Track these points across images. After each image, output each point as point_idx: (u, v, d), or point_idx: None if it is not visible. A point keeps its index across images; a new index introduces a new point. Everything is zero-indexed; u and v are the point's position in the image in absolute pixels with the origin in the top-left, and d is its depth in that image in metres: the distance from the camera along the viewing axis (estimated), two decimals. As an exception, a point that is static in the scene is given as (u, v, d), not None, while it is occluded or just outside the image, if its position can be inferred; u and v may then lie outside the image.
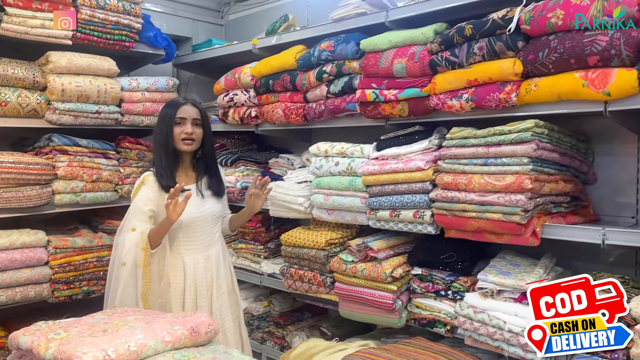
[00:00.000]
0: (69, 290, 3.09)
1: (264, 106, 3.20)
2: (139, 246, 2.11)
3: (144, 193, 2.19)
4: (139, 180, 2.25)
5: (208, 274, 2.29)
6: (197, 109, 2.33)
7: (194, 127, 2.29)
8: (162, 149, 2.26)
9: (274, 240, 3.48)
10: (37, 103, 2.96)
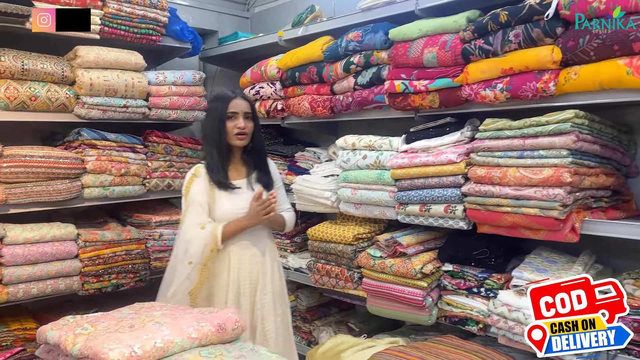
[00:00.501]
0: (99, 283, 3.12)
1: (290, 99, 3.16)
2: (209, 246, 2.07)
3: (197, 186, 2.14)
4: (190, 173, 2.20)
5: (254, 272, 2.21)
6: (247, 102, 2.28)
7: (246, 121, 2.23)
8: (213, 145, 2.20)
9: (301, 235, 3.44)
10: (66, 97, 2.98)
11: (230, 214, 2.16)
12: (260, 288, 2.23)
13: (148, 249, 3.32)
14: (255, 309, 2.22)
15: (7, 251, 2.75)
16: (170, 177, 3.46)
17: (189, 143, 3.58)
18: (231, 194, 2.18)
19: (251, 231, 2.23)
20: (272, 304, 2.28)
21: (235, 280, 2.17)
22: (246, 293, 2.18)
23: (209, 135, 2.23)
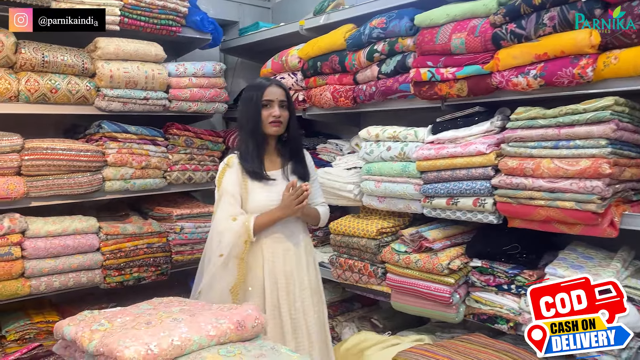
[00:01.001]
0: (120, 276, 3.11)
1: (312, 89, 3.08)
2: (242, 238, 1.99)
3: (230, 176, 2.08)
4: (223, 163, 2.14)
5: (288, 265, 2.12)
6: (283, 89, 2.20)
7: (281, 110, 2.15)
8: (249, 134, 2.12)
9: (323, 229, 3.36)
10: (87, 90, 2.96)
11: (264, 206, 2.09)
12: (298, 283, 2.14)
13: (169, 242, 3.30)
14: (295, 304, 2.12)
15: (29, 244, 2.75)
16: (191, 170, 3.43)
17: (209, 135, 3.54)
18: (265, 184, 2.11)
19: (284, 224, 2.14)
20: (310, 299, 2.19)
21: (270, 273, 2.09)
22: (282, 287, 2.10)
23: (244, 124, 2.15)
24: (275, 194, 2.11)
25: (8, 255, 2.68)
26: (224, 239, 2.00)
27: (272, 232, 2.11)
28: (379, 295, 2.79)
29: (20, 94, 2.74)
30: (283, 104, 2.17)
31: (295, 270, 2.15)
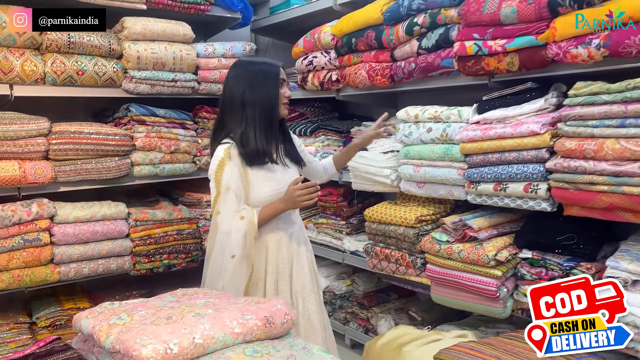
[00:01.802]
0: (150, 263, 3.04)
1: (346, 68, 2.91)
2: (251, 236, 1.87)
3: (231, 170, 1.88)
4: (222, 154, 1.89)
5: (290, 253, 2.03)
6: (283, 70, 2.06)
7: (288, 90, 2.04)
8: (265, 115, 1.90)
9: (357, 215, 3.22)
10: (114, 71, 2.87)
11: (270, 197, 1.94)
12: (297, 269, 2.05)
13: (199, 228, 3.21)
14: (293, 291, 2.03)
15: (57, 230, 2.70)
16: (220, 155, 3.32)
17: (239, 119, 3.41)
18: (267, 173, 1.95)
19: (287, 212, 2.02)
20: (310, 284, 2.09)
21: (273, 266, 2.00)
22: (285, 276, 2.01)
23: (262, 103, 1.90)
24: (277, 183, 1.96)
25: (37, 241, 2.64)
26: (233, 239, 1.87)
27: (275, 222, 1.99)
28: (417, 287, 2.63)
29: (47, 76, 2.67)
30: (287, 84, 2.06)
31: (295, 256, 2.05)
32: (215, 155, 1.92)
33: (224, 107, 1.98)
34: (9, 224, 2.56)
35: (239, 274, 1.90)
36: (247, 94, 1.91)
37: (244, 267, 1.91)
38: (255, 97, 1.90)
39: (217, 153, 1.91)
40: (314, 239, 3.36)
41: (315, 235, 3.36)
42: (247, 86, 1.91)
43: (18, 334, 2.72)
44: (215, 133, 2.00)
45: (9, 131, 2.55)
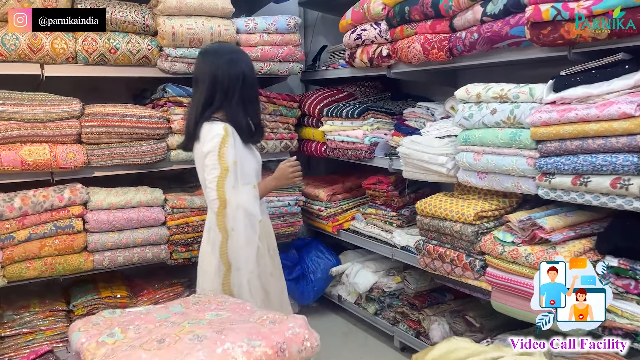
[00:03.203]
0: (188, 252, 2.90)
1: (398, 42, 2.58)
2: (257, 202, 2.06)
3: (233, 146, 2.00)
4: (222, 132, 1.97)
5: (267, 220, 2.26)
6: None
7: None
8: (253, 103, 2.11)
9: (409, 207, 2.91)
10: (148, 49, 2.70)
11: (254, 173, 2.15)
12: (274, 248, 2.26)
13: (239, 217, 3.02)
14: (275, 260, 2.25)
15: (91, 217, 2.59)
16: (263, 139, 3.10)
17: (283, 100, 3.18)
18: (249, 150, 2.13)
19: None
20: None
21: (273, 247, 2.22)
22: (276, 259, 2.24)
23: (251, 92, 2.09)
24: (257, 162, 2.18)
25: (69, 228, 2.54)
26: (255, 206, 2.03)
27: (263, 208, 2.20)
28: (475, 292, 2.30)
29: (78, 55, 2.54)
30: None
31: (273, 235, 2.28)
32: (214, 132, 1.98)
33: (217, 86, 2.05)
34: (41, 210, 2.47)
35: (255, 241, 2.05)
36: (247, 76, 2.07)
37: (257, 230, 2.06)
38: (254, 80, 2.11)
39: (215, 130, 1.98)
40: (361, 230, 3.09)
41: (363, 227, 3.09)
42: (247, 69, 2.08)
43: (55, 322, 2.66)
44: (203, 111, 2.05)
45: (39, 113, 2.44)
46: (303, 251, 3.38)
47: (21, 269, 2.44)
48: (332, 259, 3.33)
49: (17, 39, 2.37)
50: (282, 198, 3.14)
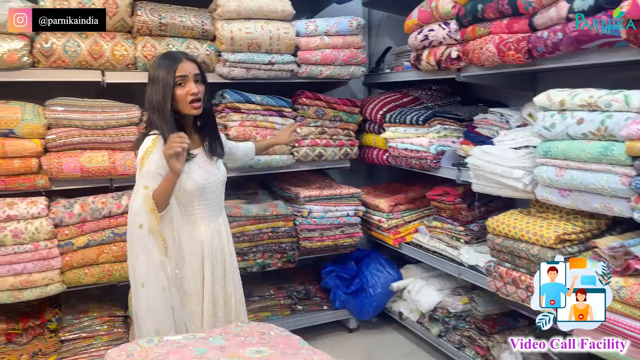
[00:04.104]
0: (244, 262, 2.82)
1: (469, 42, 2.36)
2: (149, 207, 1.83)
3: (156, 157, 1.88)
4: (148, 144, 1.90)
5: (222, 240, 2.13)
6: (194, 63, 1.97)
7: (197, 85, 1.94)
8: (163, 117, 1.89)
9: (479, 221, 2.68)
10: (207, 54, 2.65)
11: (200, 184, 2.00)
12: (228, 255, 2.16)
13: (296, 226, 2.92)
14: (227, 278, 2.14)
15: (148, 224, 2.57)
16: (321, 146, 2.98)
17: (344, 105, 3.04)
18: (191, 163, 1.96)
19: (215, 200, 2.11)
20: (236, 266, 2.23)
21: (208, 254, 2.06)
22: (218, 264, 2.10)
23: (156, 106, 1.90)
24: (203, 172, 2.01)
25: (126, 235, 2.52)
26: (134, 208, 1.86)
27: (206, 210, 2.06)
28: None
29: (138, 61, 2.53)
30: (198, 78, 1.96)
31: (226, 241, 2.17)
32: (144, 143, 1.92)
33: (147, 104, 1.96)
34: (99, 217, 2.47)
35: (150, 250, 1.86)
36: (149, 95, 1.92)
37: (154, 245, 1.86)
38: (150, 102, 1.91)
39: (145, 142, 1.92)
40: (424, 244, 2.89)
41: (427, 241, 2.88)
42: (149, 86, 1.93)
43: (113, 327, 2.67)
44: (146, 127, 2.00)
45: (99, 120, 2.45)
46: (362, 263, 3.22)
47: (79, 275, 2.45)
48: (393, 273, 3.14)
49: (78, 45, 2.39)
50: (340, 208, 2.99)
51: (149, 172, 1.88)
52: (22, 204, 2.34)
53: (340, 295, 3.12)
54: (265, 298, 3.08)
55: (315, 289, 3.21)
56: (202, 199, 2.02)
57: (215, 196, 2.10)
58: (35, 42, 2.34)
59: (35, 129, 2.33)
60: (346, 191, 3.03)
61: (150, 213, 1.84)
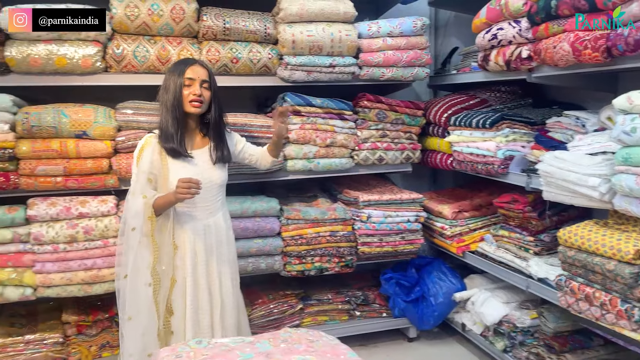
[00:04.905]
0: (301, 265, 2.82)
1: (542, 41, 2.21)
2: (146, 215, 2.04)
3: (147, 156, 2.08)
4: (143, 141, 2.12)
5: (208, 242, 2.17)
6: (205, 69, 2.15)
7: (202, 89, 2.12)
8: (169, 112, 2.09)
9: (550, 232, 2.51)
10: (269, 58, 2.67)
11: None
12: (217, 256, 2.20)
13: (355, 231, 2.87)
14: (213, 277, 2.19)
15: (209, 225, 2.63)
16: (382, 149, 2.92)
17: (406, 108, 2.96)
18: (186, 163, 2.11)
19: (204, 202, 2.16)
20: (229, 272, 2.25)
21: (192, 250, 2.13)
22: (202, 261, 2.15)
23: (165, 101, 2.10)
24: (196, 175, 2.06)
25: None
26: (130, 213, 2.07)
27: (193, 210, 2.15)
28: (632, 345, 1.88)
29: (202, 66, 2.58)
30: (205, 84, 2.13)
31: (215, 243, 2.20)
32: (140, 141, 2.14)
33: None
34: (164, 216, 2.55)
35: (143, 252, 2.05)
36: (161, 95, 2.11)
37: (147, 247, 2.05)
38: (164, 99, 2.10)
39: (141, 140, 2.14)
40: (490, 254, 2.75)
41: (493, 250, 2.74)
42: (162, 88, 2.12)
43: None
44: None
45: (165, 123, 2.53)
46: (423, 271, 3.11)
47: (144, 271, 2.54)
48: (456, 282, 3.01)
49: (147, 51, 2.48)
50: (401, 213, 2.91)
51: (143, 172, 2.07)
52: (93, 202, 2.46)
53: (400, 303, 3.04)
54: (323, 302, 3.05)
55: (374, 295, 3.15)
56: (188, 200, 2.07)
57: (204, 198, 2.14)
58: (108, 47, 2.46)
59: (107, 131, 2.44)
60: (407, 196, 2.95)
61: (148, 220, 2.04)
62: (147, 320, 2.04)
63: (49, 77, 2.41)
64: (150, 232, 2.05)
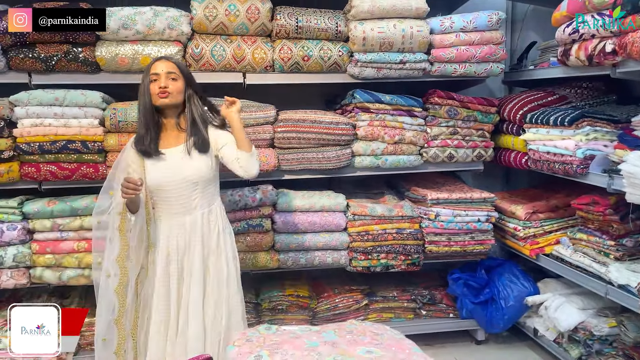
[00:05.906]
0: (367, 261, 2.84)
1: (629, 34, 2.08)
2: (116, 210, 2.12)
3: (126, 155, 2.16)
4: (128, 143, 2.19)
5: (181, 241, 2.15)
6: (171, 62, 2.15)
7: (169, 81, 2.11)
8: (141, 114, 2.13)
9: (632, 236, 2.37)
10: (339, 55, 2.70)
11: (157, 182, 2.12)
12: (188, 258, 2.17)
13: (422, 229, 2.85)
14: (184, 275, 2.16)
15: (278, 218, 2.71)
16: (452, 147, 2.87)
17: (479, 105, 2.89)
18: (157, 161, 2.12)
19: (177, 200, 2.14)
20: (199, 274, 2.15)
21: (165, 247, 2.15)
22: (173, 260, 2.15)
23: (139, 105, 2.14)
24: (168, 170, 2.11)
25: (259, 227, 2.69)
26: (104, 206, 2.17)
27: (165, 208, 2.15)
28: None
29: (275, 63, 2.66)
30: (171, 75, 2.12)
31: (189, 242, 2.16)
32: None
33: None
34: (236, 209, 2.66)
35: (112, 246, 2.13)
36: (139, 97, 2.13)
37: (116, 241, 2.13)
38: (139, 102, 2.13)
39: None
40: (567, 257, 2.63)
41: (570, 254, 2.62)
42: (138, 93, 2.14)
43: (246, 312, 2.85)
44: None
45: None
46: (493, 272, 3.03)
47: (217, 261, 2.65)
48: (529, 286, 2.91)
49: (224, 50, 2.59)
50: (471, 213, 2.85)
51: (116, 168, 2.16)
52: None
53: (468, 304, 2.98)
54: (389, 299, 3.05)
55: (441, 295, 3.10)
56: (160, 196, 2.13)
57: (176, 196, 2.12)
58: (188, 47, 2.59)
59: (185, 127, 2.57)
60: (478, 195, 2.88)
61: (117, 215, 2.12)
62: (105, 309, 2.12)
63: (134, 75, 2.57)
64: (119, 227, 2.12)
